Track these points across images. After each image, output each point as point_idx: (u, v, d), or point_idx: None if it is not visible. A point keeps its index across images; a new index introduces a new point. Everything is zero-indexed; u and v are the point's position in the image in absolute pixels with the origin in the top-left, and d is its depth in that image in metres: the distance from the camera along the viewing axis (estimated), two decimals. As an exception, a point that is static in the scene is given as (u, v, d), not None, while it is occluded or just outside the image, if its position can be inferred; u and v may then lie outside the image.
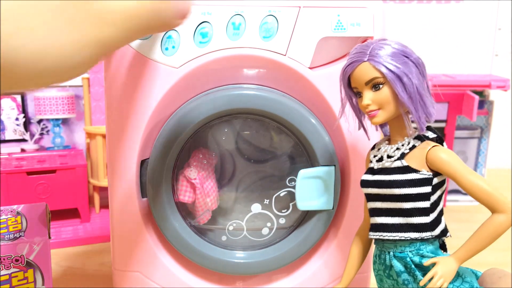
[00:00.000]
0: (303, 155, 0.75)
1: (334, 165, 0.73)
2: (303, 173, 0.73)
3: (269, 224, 0.80)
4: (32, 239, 0.75)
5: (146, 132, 0.72)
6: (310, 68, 0.71)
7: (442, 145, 0.60)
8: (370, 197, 0.62)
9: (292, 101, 0.72)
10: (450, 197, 1.41)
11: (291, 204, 0.79)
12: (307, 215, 0.77)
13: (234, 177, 0.82)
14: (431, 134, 0.60)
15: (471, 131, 1.42)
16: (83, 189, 1.18)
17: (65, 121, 1.41)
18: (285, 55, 0.70)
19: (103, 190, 1.28)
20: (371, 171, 0.62)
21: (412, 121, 0.59)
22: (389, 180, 0.58)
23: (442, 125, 1.35)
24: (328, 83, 0.71)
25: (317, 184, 0.73)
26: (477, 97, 1.23)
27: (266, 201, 0.80)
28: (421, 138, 0.59)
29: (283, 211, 0.80)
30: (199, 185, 0.76)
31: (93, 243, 1.13)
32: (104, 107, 1.28)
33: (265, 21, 0.69)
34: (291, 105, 0.71)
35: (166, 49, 0.70)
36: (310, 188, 0.73)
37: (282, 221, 0.80)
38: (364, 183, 0.62)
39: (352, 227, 0.74)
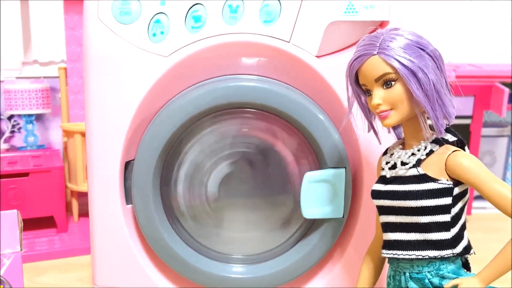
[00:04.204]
0: (310, 155, 0.75)
1: (345, 167, 0.73)
2: (309, 176, 0.73)
3: (270, 234, 0.80)
4: (1, 252, 0.74)
5: (131, 130, 0.72)
6: (317, 56, 0.71)
7: (464, 149, 0.60)
8: (382, 210, 0.61)
9: (297, 94, 0.72)
10: (476, 203, 1.41)
11: (295, 212, 0.79)
12: (313, 225, 0.77)
13: (230, 182, 0.81)
14: (451, 137, 0.60)
15: (500, 129, 1.42)
16: (59, 195, 1.18)
17: (39, 117, 1.41)
18: (289, 42, 0.70)
19: (82, 196, 1.28)
20: (383, 180, 0.61)
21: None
22: (404, 191, 0.58)
23: (467, 121, 1.35)
24: (338, 74, 0.70)
25: (325, 189, 0.73)
26: (507, 90, 1.23)
27: (267, 209, 0.80)
28: (439, 142, 0.59)
29: (286, 219, 0.80)
30: None
31: (71, 256, 1.13)
32: (83, 101, 1.28)
33: (266, 3, 0.69)
34: (296, 98, 0.71)
35: (154, 35, 0.69)
36: (317, 194, 0.73)
37: (284, 231, 0.80)
38: (376, 194, 0.61)
39: (365, 238, 0.74)
